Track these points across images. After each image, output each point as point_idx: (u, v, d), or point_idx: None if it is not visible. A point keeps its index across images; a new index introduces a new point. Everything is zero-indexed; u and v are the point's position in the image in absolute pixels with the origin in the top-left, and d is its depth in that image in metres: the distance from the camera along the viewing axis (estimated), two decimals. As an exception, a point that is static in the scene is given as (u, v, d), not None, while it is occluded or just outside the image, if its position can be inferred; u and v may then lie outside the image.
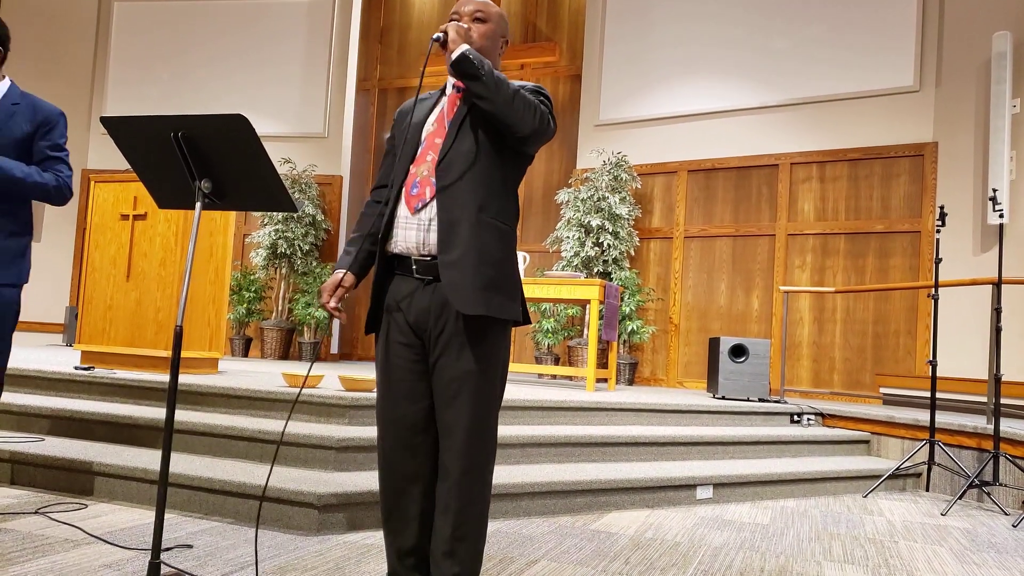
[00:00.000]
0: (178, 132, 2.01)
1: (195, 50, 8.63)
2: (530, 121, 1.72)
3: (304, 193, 7.77)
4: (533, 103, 1.73)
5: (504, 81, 1.71)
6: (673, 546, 2.84)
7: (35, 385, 3.96)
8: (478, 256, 1.73)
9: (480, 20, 1.83)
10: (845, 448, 4.75)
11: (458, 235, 1.73)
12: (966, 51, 6.04)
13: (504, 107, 1.69)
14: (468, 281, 1.71)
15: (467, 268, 1.72)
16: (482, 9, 1.84)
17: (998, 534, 3.39)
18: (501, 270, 1.78)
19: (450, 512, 1.73)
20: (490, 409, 1.78)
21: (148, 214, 4.31)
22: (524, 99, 1.72)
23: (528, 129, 1.73)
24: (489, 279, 1.74)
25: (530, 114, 1.72)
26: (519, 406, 3.89)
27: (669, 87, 7.31)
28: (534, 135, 1.74)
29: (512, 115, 1.70)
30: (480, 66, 1.68)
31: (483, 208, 1.75)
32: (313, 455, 3.08)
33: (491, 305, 1.74)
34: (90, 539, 2.44)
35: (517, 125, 1.71)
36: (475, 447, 1.74)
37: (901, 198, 6.25)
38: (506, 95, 1.69)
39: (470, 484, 1.74)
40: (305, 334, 7.71)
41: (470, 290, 1.71)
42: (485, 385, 1.76)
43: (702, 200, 7.09)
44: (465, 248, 1.72)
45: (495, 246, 1.77)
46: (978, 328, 5.71)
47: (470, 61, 1.68)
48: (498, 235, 1.78)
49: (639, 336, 6.79)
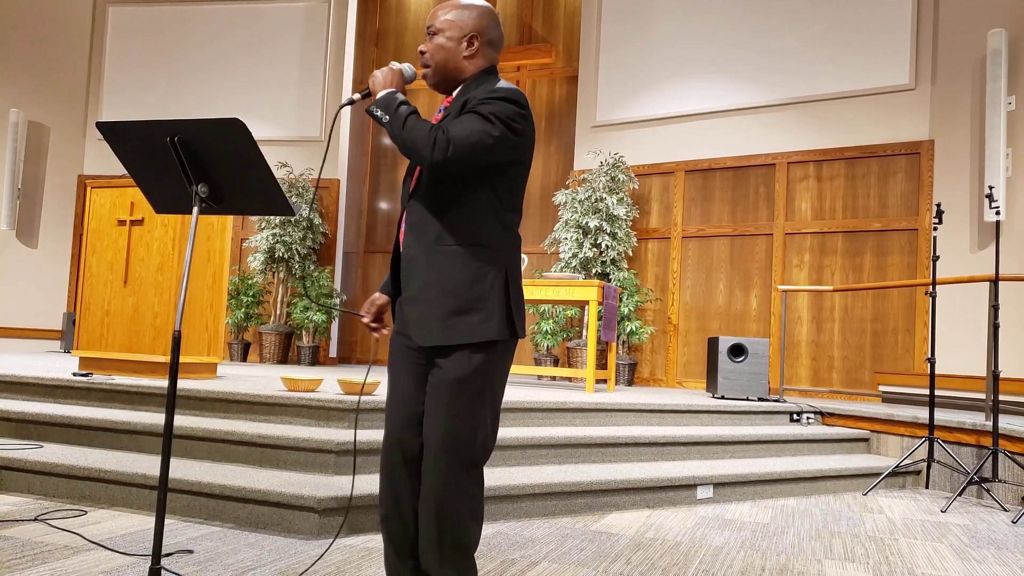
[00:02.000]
0: (174, 136, 2.01)
1: (191, 54, 8.63)
2: (426, 154, 1.66)
3: (301, 197, 7.76)
4: (424, 137, 1.66)
5: (398, 119, 1.70)
6: (674, 546, 2.84)
7: (33, 392, 3.95)
8: (437, 287, 1.74)
9: (433, 33, 1.83)
10: (845, 446, 4.75)
11: (415, 270, 1.77)
12: (961, 49, 6.05)
13: (400, 144, 1.71)
14: (429, 313, 1.74)
15: (426, 301, 1.74)
16: (433, 23, 1.84)
17: (998, 530, 3.39)
18: (468, 294, 1.73)
19: (429, 518, 1.74)
20: (475, 419, 1.74)
21: (145, 219, 4.31)
22: (417, 132, 1.67)
23: (425, 162, 1.68)
24: (453, 308, 1.72)
25: (425, 148, 1.66)
26: (519, 408, 3.89)
27: (665, 87, 7.32)
28: (438, 165, 1.67)
29: (407, 151, 1.70)
30: (385, 111, 1.73)
31: (440, 237, 1.74)
32: (313, 459, 3.08)
33: (454, 333, 1.72)
34: (90, 545, 2.44)
35: (414, 159, 1.71)
36: (450, 457, 1.73)
37: (898, 196, 6.26)
38: (396, 130, 1.71)
39: (446, 492, 1.73)
40: (304, 338, 7.70)
41: (431, 321, 1.74)
42: (469, 397, 1.74)
43: (699, 200, 7.10)
44: (422, 282, 1.75)
45: (458, 272, 1.73)
46: (976, 325, 5.72)
47: (371, 112, 1.75)
48: (463, 260, 1.73)
49: (638, 337, 6.79)
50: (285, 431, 3.21)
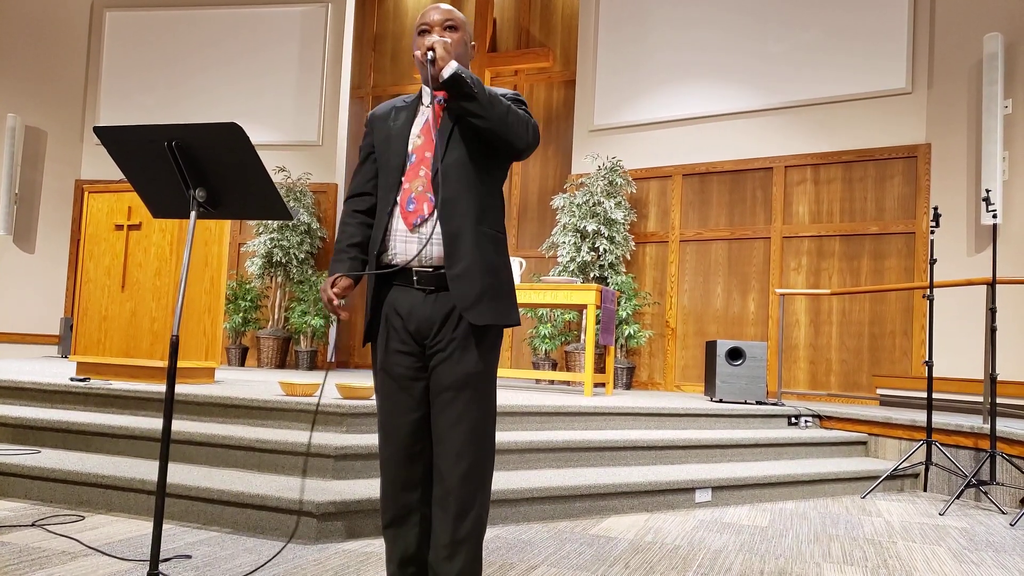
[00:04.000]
0: (172, 141, 2.01)
1: (188, 59, 8.63)
2: (524, 136, 1.77)
3: (299, 201, 7.76)
4: (524, 118, 1.77)
5: (496, 97, 1.73)
6: (673, 549, 2.84)
7: (31, 397, 3.94)
8: (481, 267, 1.77)
9: (452, 28, 1.82)
10: (843, 449, 4.75)
11: (462, 247, 1.75)
12: (957, 53, 6.08)
13: (500, 124, 1.72)
14: (475, 292, 1.76)
15: (474, 279, 1.76)
16: (450, 17, 1.82)
17: (996, 533, 3.39)
18: (499, 277, 1.81)
19: (449, 516, 1.74)
20: (490, 411, 1.81)
21: (143, 224, 4.31)
22: (516, 114, 1.75)
23: (523, 144, 1.78)
24: (491, 287, 1.78)
25: (523, 129, 1.76)
26: (517, 411, 3.89)
27: (663, 92, 7.33)
28: (527, 149, 1.80)
29: (508, 131, 1.73)
30: (474, 85, 1.69)
31: (480, 219, 1.79)
32: (311, 463, 3.08)
33: (496, 313, 1.79)
34: (88, 551, 2.43)
35: (513, 140, 1.75)
36: (474, 449, 1.75)
37: (895, 199, 6.28)
38: (500, 112, 1.72)
39: (471, 487, 1.75)
40: (302, 343, 7.69)
41: (478, 301, 1.76)
42: (485, 387, 1.79)
43: (697, 204, 7.11)
44: (470, 260, 1.76)
45: (493, 255, 1.81)
46: (973, 328, 5.73)
47: (464, 81, 1.68)
48: (495, 244, 1.82)
49: (636, 340, 6.80)
50: (283, 436, 3.21)
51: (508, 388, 5.69)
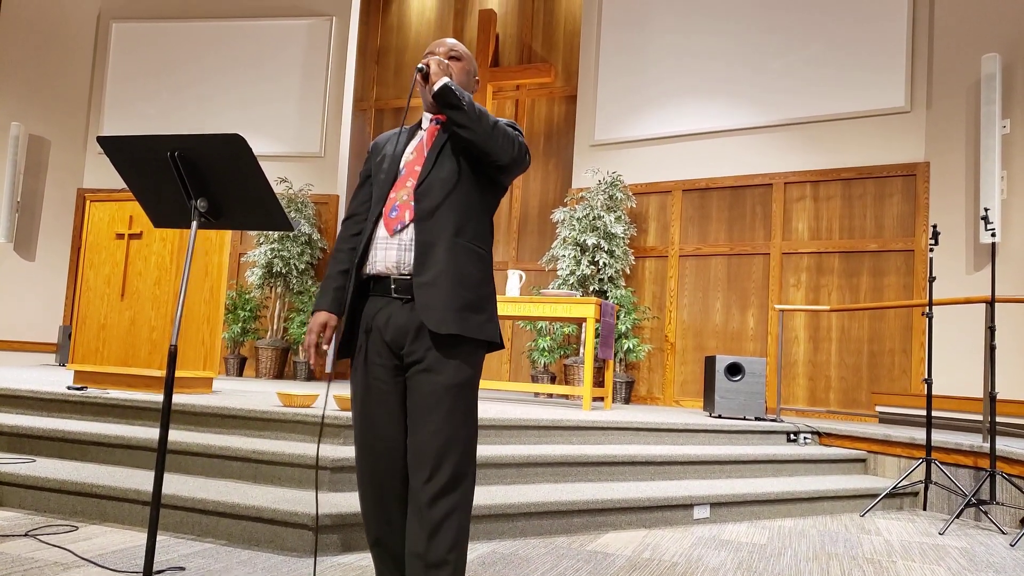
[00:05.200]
0: (174, 152, 2.02)
1: (192, 70, 8.68)
2: (509, 150, 1.79)
3: (300, 212, 7.78)
4: (512, 135, 1.81)
5: (485, 112, 1.79)
6: (670, 567, 2.82)
7: (27, 405, 3.93)
8: (454, 278, 1.76)
9: (455, 58, 1.92)
10: (842, 467, 4.73)
11: (434, 256, 1.76)
12: (956, 73, 6.12)
13: (484, 136, 1.76)
14: (443, 302, 1.74)
15: (442, 289, 1.74)
16: (455, 48, 1.93)
17: (996, 553, 3.37)
18: (478, 292, 1.80)
19: (424, 534, 1.69)
20: (468, 424, 1.76)
21: (143, 233, 4.31)
22: (504, 131, 1.80)
23: (507, 158, 1.80)
24: (467, 301, 1.77)
25: (508, 144, 1.79)
26: (515, 425, 3.88)
27: (663, 107, 7.37)
28: (512, 164, 1.82)
29: (492, 144, 1.77)
30: (461, 96, 1.76)
31: (459, 232, 1.79)
32: (307, 475, 3.06)
33: (466, 326, 1.75)
34: (81, 562, 2.41)
35: (496, 154, 1.78)
36: (451, 463, 1.71)
37: (894, 217, 6.30)
38: (486, 126, 1.76)
39: (446, 507, 1.70)
40: (300, 353, 7.68)
41: (445, 310, 1.73)
42: (464, 401, 1.76)
43: (697, 219, 7.12)
44: (440, 269, 1.75)
45: (472, 269, 1.80)
46: (972, 346, 5.72)
47: (452, 91, 1.75)
48: (475, 258, 1.81)
49: (635, 354, 6.79)
50: (280, 447, 3.20)
51: (506, 401, 5.67)
